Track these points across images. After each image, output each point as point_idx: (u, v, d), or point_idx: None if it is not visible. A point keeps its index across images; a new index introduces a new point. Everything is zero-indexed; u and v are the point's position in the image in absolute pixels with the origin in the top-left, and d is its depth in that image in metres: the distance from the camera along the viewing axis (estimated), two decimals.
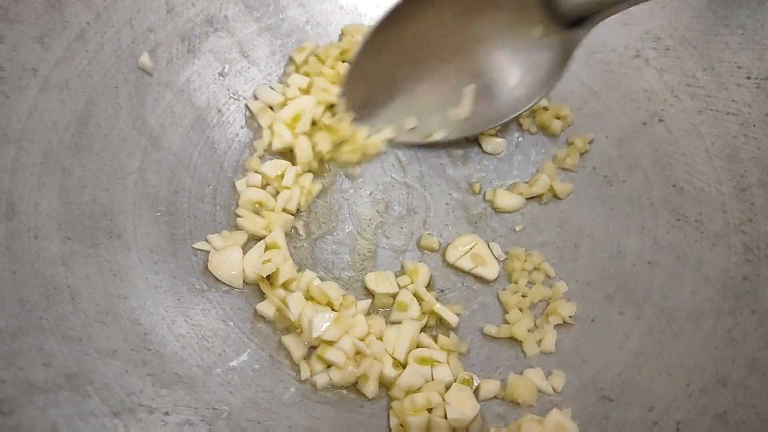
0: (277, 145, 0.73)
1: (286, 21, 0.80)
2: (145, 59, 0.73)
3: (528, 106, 0.73)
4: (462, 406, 0.62)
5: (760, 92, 0.71)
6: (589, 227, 0.74)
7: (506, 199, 0.75)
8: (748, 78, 0.72)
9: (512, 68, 0.72)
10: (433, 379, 0.64)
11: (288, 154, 0.75)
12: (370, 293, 0.70)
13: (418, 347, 0.66)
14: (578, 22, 0.66)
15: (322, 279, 0.70)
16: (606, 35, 0.79)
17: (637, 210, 0.73)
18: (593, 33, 0.79)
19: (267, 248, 0.68)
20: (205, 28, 0.77)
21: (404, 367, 0.65)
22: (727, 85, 0.73)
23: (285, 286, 0.68)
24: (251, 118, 0.76)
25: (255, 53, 0.79)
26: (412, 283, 0.70)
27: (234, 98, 0.77)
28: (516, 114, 0.73)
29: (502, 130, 0.78)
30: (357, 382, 0.65)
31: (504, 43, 0.71)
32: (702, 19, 0.76)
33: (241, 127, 0.76)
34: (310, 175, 0.74)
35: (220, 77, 0.76)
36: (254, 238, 0.71)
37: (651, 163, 0.75)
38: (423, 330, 0.68)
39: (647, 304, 0.68)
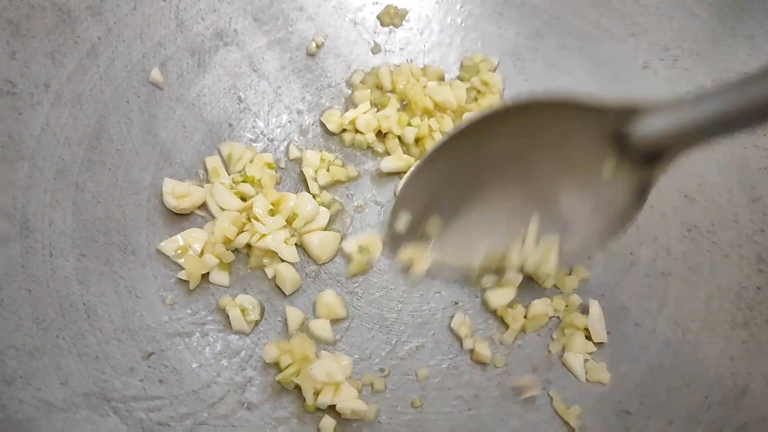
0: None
1: (295, 34, 0.80)
2: (155, 74, 0.73)
3: (593, 250, 0.69)
4: None
5: None
6: None
7: None
8: None
9: (580, 208, 0.63)
10: None
11: None
12: None
13: None
14: (654, 157, 0.56)
15: None
16: (614, 47, 0.80)
17: (649, 221, 0.73)
18: (600, 45, 0.81)
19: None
20: (215, 42, 0.77)
21: None
22: None
23: None
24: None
25: (264, 67, 0.79)
26: None
27: (245, 112, 0.77)
28: (579, 258, 0.69)
29: None
30: None
31: (570, 180, 0.63)
32: (710, 30, 0.77)
33: (252, 141, 0.76)
34: None
35: (231, 91, 0.76)
36: None
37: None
38: None
39: (662, 316, 0.68)
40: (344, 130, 0.77)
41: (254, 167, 0.72)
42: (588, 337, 0.68)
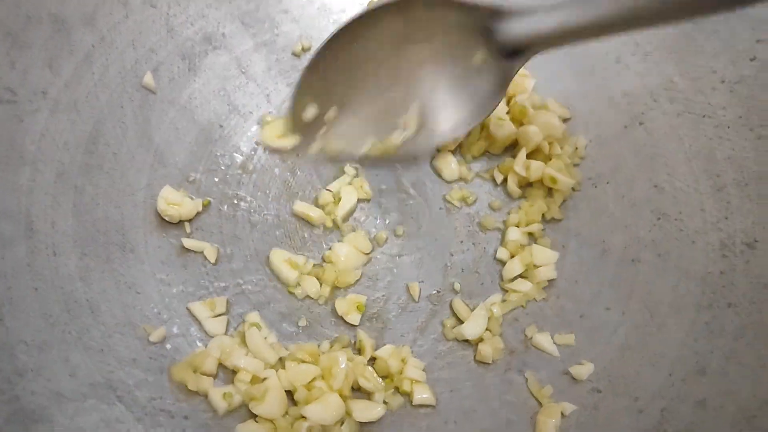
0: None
1: (281, 36, 0.84)
2: (148, 78, 0.76)
3: (464, 131, 0.77)
4: None
5: (734, 96, 0.75)
6: (576, 227, 0.78)
7: None
8: (723, 82, 0.76)
9: (453, 92, 0.74)
10: None
11: None
12: None
13: None
14: (515, 53, 0.68)
15: None
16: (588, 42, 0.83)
17: (621, 210, 0.77)
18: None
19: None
20: (204, 46, 0.80)
21: None
22: (703, 88, 0.77)
23: None
24: None
25: (252, 69, 0.82)
26: None
27: (234, 113, 0.80)
28: (452, 138, 0.77)
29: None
30: None
31: (445, 67, 0.73)
32: (678, 26, 0.80)
33: (242, 141, 0.79)
34: None
35: (221, 93, 0.80)
36: None
37: (633, 165, 0.79)
38: None
39: (632, 300, 0.72)
40: None
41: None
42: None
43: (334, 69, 0.75)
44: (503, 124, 0.79)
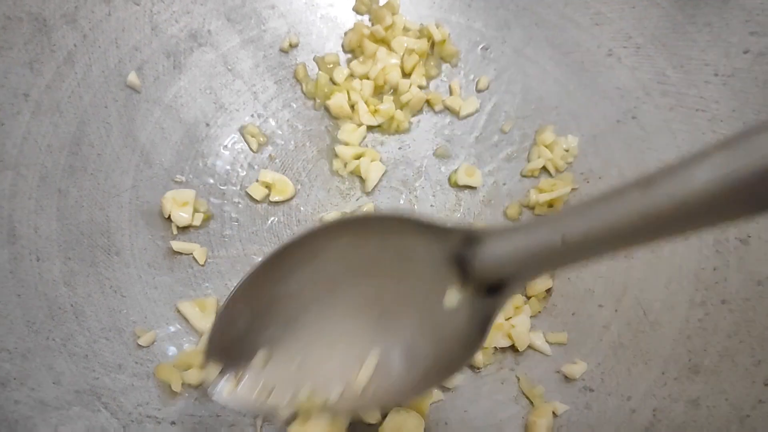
0: None
1: (268, 32, 0.82)
2: (132, 77, 0.75)
3: (434, 386, 0.64)
4: None
5: (727, 89, 0.74)
6: None
7: None
8: (716, 75, 0.75)
9: (421, 339, 0.55)
10: None
11: None
12: None
13: None
14: (495, 289, 0.50)
15: None
16: (579, 35, 0.82)
17: None
18: (565, 34, 0.83)
19: None
20: (190, 43, 0.79)
21: None
22: (695, 82, 0.76)
23: None
24: None
25: (239, 66, 0.81)
26: None
27: (221, 111, 0.79)
28: (418, 393, 0.57)
29: None
30: None
31: (411, 309, 0.55)
32: (670, 18, 0.79)
33: (228, 140, 0.78)
34: None
35: (207, 91, 0.79)
36: None
37: (625, 160, 0.78)
38: None
39: (625, 297, 0.72)
40: None
41: None
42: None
43: (270, 297, 0.56)
44: None
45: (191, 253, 0.72)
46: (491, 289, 0.50)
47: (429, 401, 0.66)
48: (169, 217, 0.72)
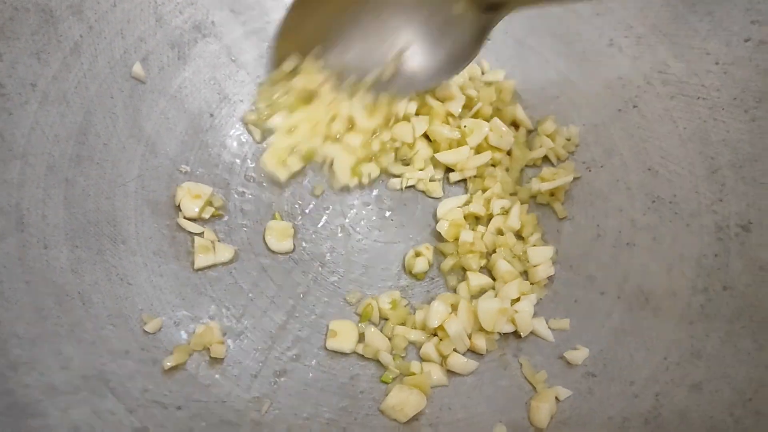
0: None
1: (272, 23, 0.83)
2: (137, 68, 0.75)
3: (438, 83, 0.78)
4: None
5: (728, 77, 0.74)
6: (570, 212, 0.78)
7: None
8: (717, 63, 0.75)
9: (431, 41, 0.75)
10: None
11: None
12: None
13: None
14: (495, 6, 0.70)
15: None
16: (580, 25, 0.83)
17: (615, 194, 0.77)
18: (567, 24, 0.84)
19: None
20: (194, 34, 0.80)
21: None
22: (696, 71, 0.77)
23: None
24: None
25: (243, 57, 0.82)
26: None
27: (225, 102, 0.79)
28: (429, 87, 0.78)
29: None
30: None
31: (424, 15, 0.74)
32: (671, 7, 0.79)
33: (233, 130, 0.79)
34: None
35: (211, 82, 0.79)
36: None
37: (627, 148, 0.78)
38: None
39: (627, 284, 0.72)
40: None
41: None
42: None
43: (313, 14, 0.75)
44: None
45: (198, 234, 0.73)
46: (490, 7, 0.69)
47: (431, 382, 0.67)
48: (179, 205, 0.73)
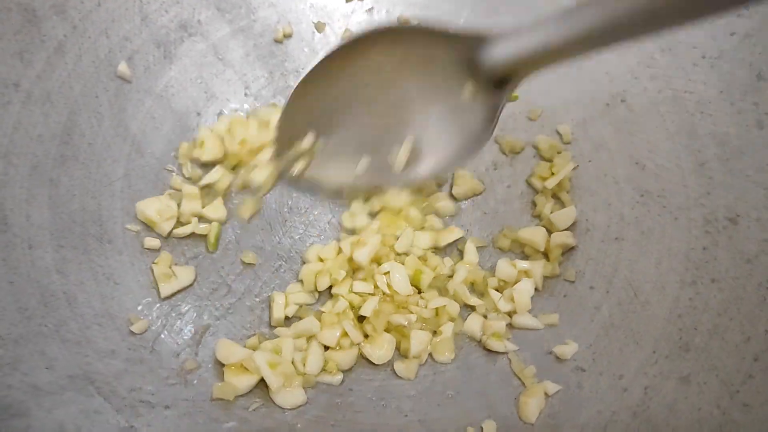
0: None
1: (258, 21, 0.83)
2: (123, 68, 0.75)
3: (453, 170, 0.77)
4: None
5: (714, 71, 0.75)
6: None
7: None
8: (703, 57, 0.76)
9: (443, 129, 0.69)
10: None
11: None
12: None
13: None
14: (504, 80, 0.63)
15: None
16: None
17: (603, 188, 0.77)
18: None
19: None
20: (180, 33, 0.79)
21: None
22: (683, 65, 0.77)
23: None
24: None
25: (229, 55, 0.81)
26: None
27: (212, 100, 0.79)
28: (442, 174, 0.77)
29: None
30: None
31: (434, 104, 0.69)
32: None
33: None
34: None
35: (198, 81, 0.79)
36: None
37: (615, 143, 0.78)
38: None
39: (616, 278, 0.72)
40: None
41: None
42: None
43: (322, 97, 0.71)
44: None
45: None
46: (499, 83, 0.63)
47: (417, 366, 0.68)
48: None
